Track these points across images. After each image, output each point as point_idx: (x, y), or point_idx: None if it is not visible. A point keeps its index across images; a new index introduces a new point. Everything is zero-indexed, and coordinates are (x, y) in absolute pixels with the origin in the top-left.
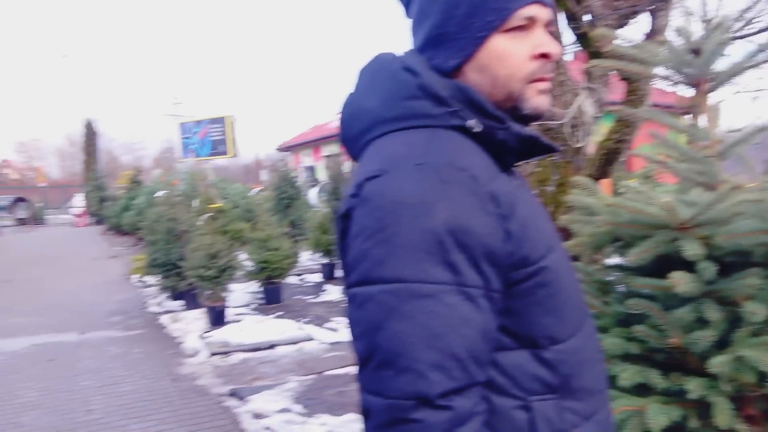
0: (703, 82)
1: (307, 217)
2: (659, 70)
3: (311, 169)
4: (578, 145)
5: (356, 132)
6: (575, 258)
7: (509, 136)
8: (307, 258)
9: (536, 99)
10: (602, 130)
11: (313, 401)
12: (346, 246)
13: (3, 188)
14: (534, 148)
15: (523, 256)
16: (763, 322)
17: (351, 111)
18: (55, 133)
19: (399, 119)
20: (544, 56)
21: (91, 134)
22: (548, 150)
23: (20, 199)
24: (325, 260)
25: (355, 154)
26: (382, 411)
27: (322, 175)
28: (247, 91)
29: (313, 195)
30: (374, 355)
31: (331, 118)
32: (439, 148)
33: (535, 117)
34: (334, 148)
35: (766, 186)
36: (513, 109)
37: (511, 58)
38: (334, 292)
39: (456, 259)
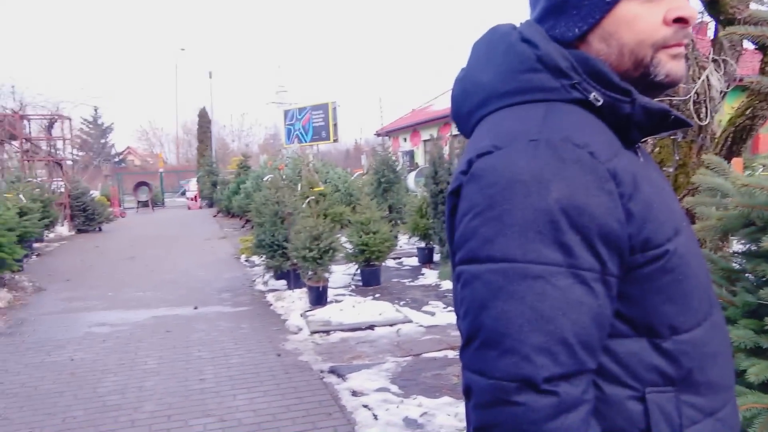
0: None
1: (405, 202)
2: None
3: (410, 154)
4: (702, 123)
5: (469, 108)
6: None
7: (636, 109)
8: (405, 242)
9: (670, 64)
10: (726, 108)
11: (409, 382)
12: (455, 224)
13: (127, 173)
14: (663, 122)
15: (645, 238)
16: None
17: (463, 86)
18: (171, 121)
19: (514, 93)
20: (680, 21)
21: (204, 122)
22: (679, 125)
23: (142, 183)
24: (422, 244)
25: (466, 131)
26: (484, 391)
27: (421, 159)
28: (348, 77)
29: (411, 179)
30: (478, 334)
31: (429, 103)
32: (557, 123)
33: (670, 84)
34: (432, 132)
35: None
36: (643, 77)
37: (641, 23)
38: (431, 276)
39: (570, 240)
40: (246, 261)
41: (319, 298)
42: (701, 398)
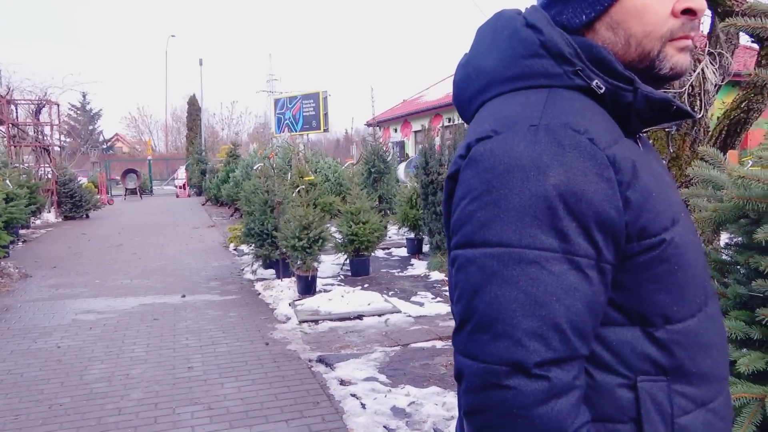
0: None
1: (395, 192)
2: None
3: (400, 145)
4: (697, 116)
5: (471, 93)
6: None
7: (638, 98)
8: (394, 232)
9: (676, 57)
10: (717, 103)
11: (397, 372)
12: (451, 208)
13: (114, 160)
14: (664, 112)
15: (642, 226)
16: None
17: (466, 71)
18: (160, 108)
19: (517, 78)
20: (688, 12)
21: (194, 109)
22: (681, 116)
23: (130, 171)
24: (412, 235)
25: (467, 116)
26: (475, 375)
27: (411, 150)
28: (340, 66)
29: (401, 170)
30: (471, 318)
31: (420, 93)
32: (557, 109)
33: (673, 77)
34: (423, 123)
35: None
36: (647, 69)
37: (650, 14)
38: (421, 267)
39: (566, 226)
40: (234, 250)
41: (307, 287)
42: (693, 388)
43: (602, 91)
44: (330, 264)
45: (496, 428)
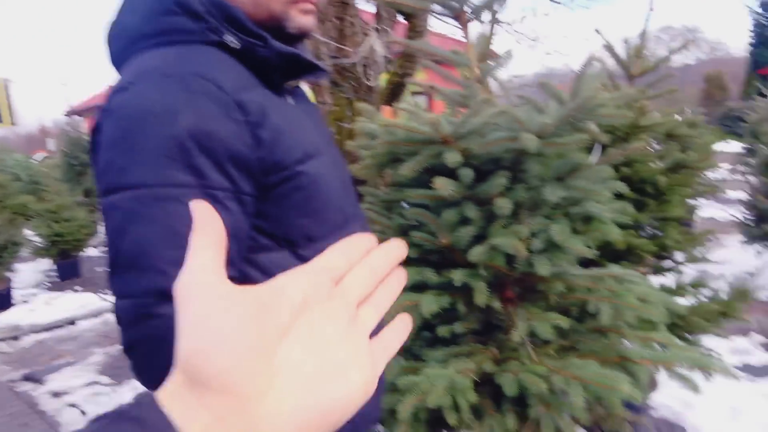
0: (463, 13)
1: None
2: (433, 6)
3: None
4: (370, 83)
5: (119, 49)
6: (363, 182)
7: (270, 53)
8: None
9: (300, 18)
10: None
11: (120, 370)
12: (96, 159)
13: None
14: (299, 66)
15: (275, 161)
16: (510, 216)
17: (115, 30)
18: None
19: (157, 35)
20: None
21: None
22: (315, 68)
23: None
24: None
25: (119, 72)
26: (129, 311)
27: None
28: (26, 53)
29: None
30: (119, 259)
31: None
32: (190, 60)
33: (301, 36)
34: None
35: (513, 102)
36: (279, 29)
37: None
38: None
39: (200, 163)
40: None
41: (2, 301)
42: None
43: (237, 46)
44: (32, 272)
45: (151, 357)
